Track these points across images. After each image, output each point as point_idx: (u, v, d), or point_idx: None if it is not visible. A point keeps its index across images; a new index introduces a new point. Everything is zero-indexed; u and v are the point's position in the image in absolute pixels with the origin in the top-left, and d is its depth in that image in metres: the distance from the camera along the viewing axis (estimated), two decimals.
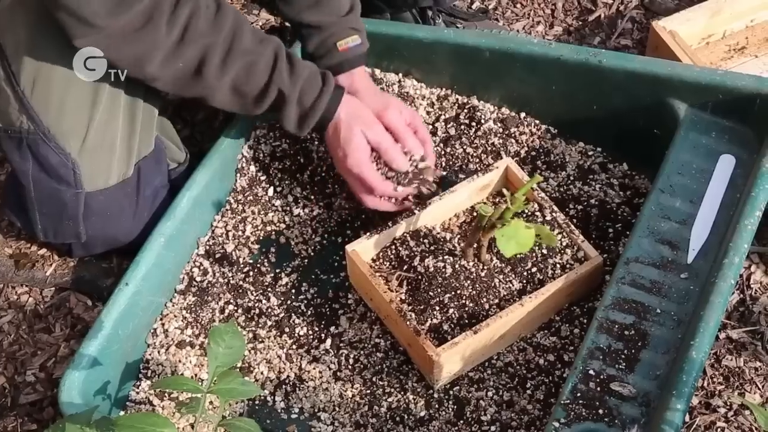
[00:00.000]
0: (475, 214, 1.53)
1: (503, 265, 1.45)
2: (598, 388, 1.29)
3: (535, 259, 1.46)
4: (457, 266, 1.44)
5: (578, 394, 1.28)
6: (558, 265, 1.45)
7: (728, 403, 1.44)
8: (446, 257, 1.46)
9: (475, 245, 1.43)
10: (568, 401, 1.28)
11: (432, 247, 1.48)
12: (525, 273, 1.44)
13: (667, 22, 1.77)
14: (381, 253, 1.49)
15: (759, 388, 1.45)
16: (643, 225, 1.42)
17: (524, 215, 1.49)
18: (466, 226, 1.52)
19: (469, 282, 1.43)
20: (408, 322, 1.38)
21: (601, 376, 1.29)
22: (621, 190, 1.58)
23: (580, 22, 1.95)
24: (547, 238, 1.33)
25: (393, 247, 1.49)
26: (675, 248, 1.40)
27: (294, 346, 1.48)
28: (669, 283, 1.36)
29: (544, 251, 1.46)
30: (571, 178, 1.60)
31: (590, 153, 1.63)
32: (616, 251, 1.50)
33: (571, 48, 1.61)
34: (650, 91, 1.54)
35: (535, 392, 1.40)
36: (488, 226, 1.36)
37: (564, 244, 1.47)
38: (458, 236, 1.50)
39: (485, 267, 1.44)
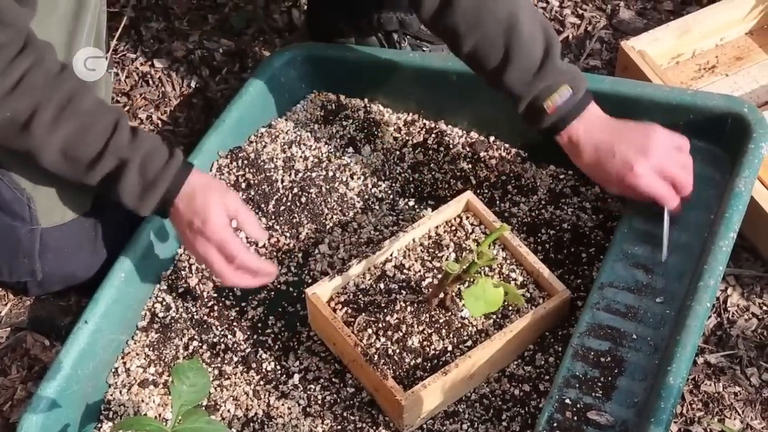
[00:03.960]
0: (433, 236, 1.52)
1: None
2: (575, 418, 1.27)
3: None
4: (421, 309, 1.42)
5: (555, 424, 1.26)
6: (525, 301, 1.42)
7: (708, 430, 1.42)
8: (410, 296, 1.44)
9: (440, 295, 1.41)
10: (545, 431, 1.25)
11: (395, 287, 1.45)
12: (491, 312, 1.41)
13: (636, 41, 1.77)
14: (342, 295, 1.45)
15: (739, 414, 1.43)
16: (617, 249, 1.41)
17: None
18: (425, 253, 1.50)
19: (434, 324, 1.41)
20: (374, 367, 1.35)
21: (578, 405, 1.28)
22: (594, 213, 1.56)
23: None
24: (514, 297, 1.31)
25: (354, 288, 1.46)
26: (649, 272, 1.38)
27: (261, 382, 1.44)
28: (644, 307, 1.36)
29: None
30: (543, 202, 1.58)
31: (561, 176, 1.61)
32: (590, 276, 1.48)
33: None
34: (620, 111, 1.52)
35: (511, 424, 1.37)
36: (453, 279, 1.35)
37: (529, 279, 1.46)
38: (420, 273, 1.47)
39: (449, 312, 1.42)
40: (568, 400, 1.28)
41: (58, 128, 1.29)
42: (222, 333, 1.50)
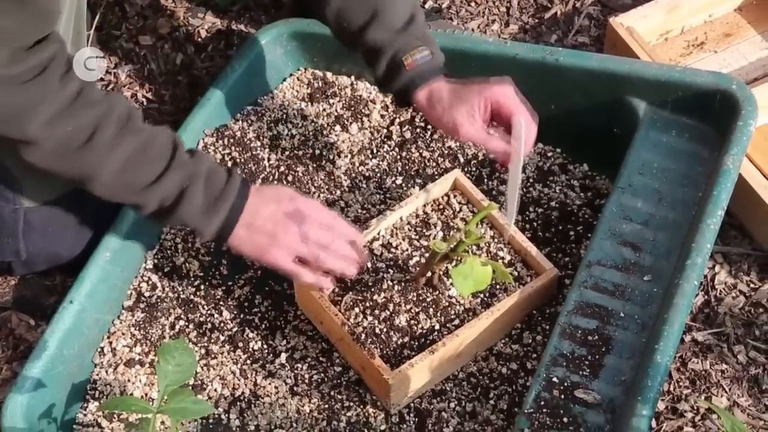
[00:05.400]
0: (421, 215, 1.51)
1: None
2: (562, 396, 1.27)
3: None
4: (408, 287, 1.42)
5: (542, 403, 1.26)
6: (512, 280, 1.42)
7: (695, 408, 1.42)
8: (397, 275, 1.43)
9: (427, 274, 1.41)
10: (532, 410, 1.26)
11: (382, 266, 1.45)
12: (479, 291, 1.40)
13: (625, 18, 1.76)
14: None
15: (726, 391, 1.43)
16: (605, 227, 1.41)
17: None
18: (412, 231, 1.49)
19: (421, 303, 1.41)
20: (361, 346, 1.35)
21: (565, 384, 1.28)
22: (582, 191, 1.56)
23: (536, 20, 1.93)
24: (502, 274, 1.30)
25: None
26: (637, 250, 1.38)
27: (248, 361, 1.44)
28: (632, 285, 1.35)
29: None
30: (531, 180, 1.58)
31: (549, 154, 1.61)
32: (578, 254, 1.48)
33: (527, 47, 1.59)
34: (609, 89, 1.53)
35: (499, 402, 1.38)
36: (441, 258, 1.34)
37: (517, 257, 1.45)
38: (408, 252, 1.47)
39: (437, 290, 1.42)
40: (555, 379, 1.28)
41: (119, 144, 1.26)
42: (208, 312, 1.49)
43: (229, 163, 1.61)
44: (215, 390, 1.42)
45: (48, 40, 1.21)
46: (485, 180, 1.58)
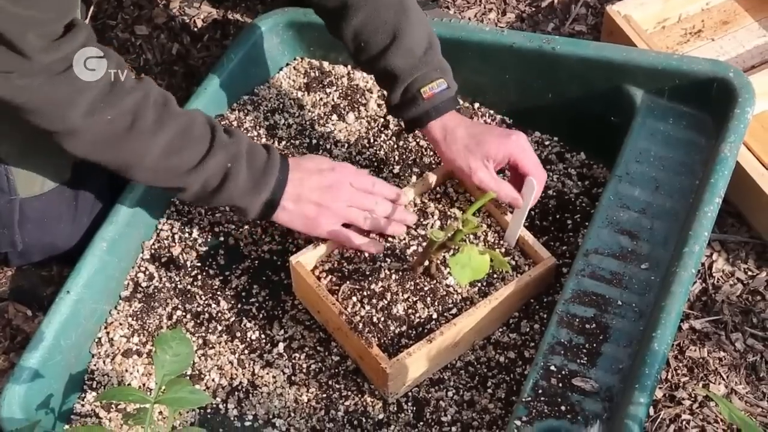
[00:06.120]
0: (418, 203, 1.51)
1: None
2: (560, 384, 1.27)
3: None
4: (406, 276, 1.41)
5: (540, 391, 1.26)
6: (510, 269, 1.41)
7: (693, 395, 1.42)
8: (394, 264, 1.43)
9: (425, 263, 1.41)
10: (530, 398, 1.26)
11: (379, 255, 1.44)
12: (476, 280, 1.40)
13: (622, 6, 1.76)
14: (326, 264, 1.45)
15: (723, 379, 1.43)
16: (602, 215, 1.41)
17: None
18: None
19: (419, 292, 1.41)
20: (359, 335, 1.35)
21: (563, 372, 1.28)
22: (579, 180, 1.55)
23: (533, 9, 1.93)
24: (500, 263, 1.29)
25: (338, 256, 1.45)
26: (634, 238, 1.38)
27: (246, 351, 1.44)
28: (629, 274, 1.35)
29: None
30: None
31: (547, 143, 1.61)
32: (576, 243, 1.48)
33: (524, 35, 1.58)
34: (606, 77, 1.52)
35: (496, 390, 1.38)
36: (438, 247, 1.34)
37: (514, 246, 1.45)
38: (405, 241, 1.46)
39: (434, 279, 1.42)
40: (553, 367, 1.28)
41: (161, 129, 1.27)
42: (206, 302, 1.49)
43: None
44: (213, 380, 1.42)
45: (76, 28, 1.21)
46: None
